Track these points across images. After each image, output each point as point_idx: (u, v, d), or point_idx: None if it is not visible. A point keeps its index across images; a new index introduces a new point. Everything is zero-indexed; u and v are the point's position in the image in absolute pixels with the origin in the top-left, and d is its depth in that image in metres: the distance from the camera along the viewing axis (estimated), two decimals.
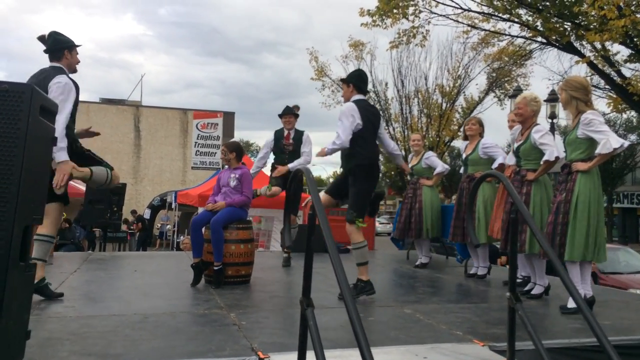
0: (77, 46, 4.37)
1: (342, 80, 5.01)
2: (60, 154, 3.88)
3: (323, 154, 4.88)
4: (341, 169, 5.02)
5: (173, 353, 2.93)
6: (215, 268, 5.07)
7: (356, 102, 4.69)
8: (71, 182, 4.51)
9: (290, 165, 6.36)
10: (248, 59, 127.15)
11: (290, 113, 6.71)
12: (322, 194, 5.10)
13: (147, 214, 22.85)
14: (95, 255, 8.23)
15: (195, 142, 28.38)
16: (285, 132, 6.71)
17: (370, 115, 4.75)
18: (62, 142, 3.88)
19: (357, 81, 4.83)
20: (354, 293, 4.46)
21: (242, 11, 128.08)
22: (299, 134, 6.68)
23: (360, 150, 4.61)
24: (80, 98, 4.35)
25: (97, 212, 9.17)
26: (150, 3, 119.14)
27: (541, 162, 4.71)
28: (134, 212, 21.47)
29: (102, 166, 4.37)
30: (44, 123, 1.89)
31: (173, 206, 18.32)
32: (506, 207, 4.92)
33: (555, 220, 4.25)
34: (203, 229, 5.28)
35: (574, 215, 4.15)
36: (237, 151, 5.65)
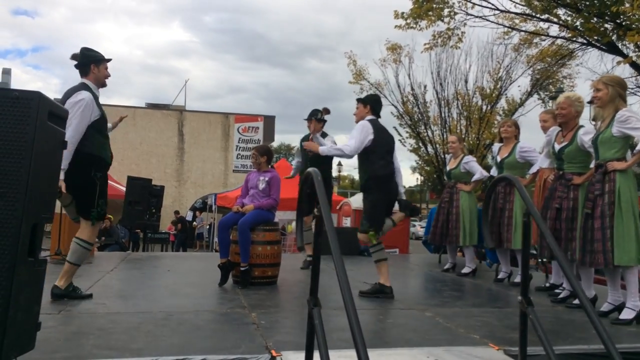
0: (107, 60, 4.44)
1: (360, 100, 5.12)
2: None
3: (315, 148, 5.08)
4: None
5: (189, 349, 3.04)
6: (242, 269, 5.19)
7: (370, 120, 4.87)
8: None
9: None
10: (291, 63, 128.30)
11: (312, 117, 6.69)
12: None
13: (189, 216, 23.40)
14: (134, 255, 8.51)
15: (237, 146, 28.90)
16: (310, 137, 6.75)
17: (384, 135, 4.93)
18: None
19: (374, 104, 5.04)
20: (370, 291, 4.79)
21: (286, 17, 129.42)
22: (324, 137, 6.62)
23: (372, 165, 4.76)
24: (128, 103, 4.54)
25: (135, 213, 9.48)
26: (196, 11, 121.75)
27: (590, 166, 4.50)
28: (176, 212, 22.09)
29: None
30: (53, 127, 2.03)
31: (213, 208, 18.74)
32: (543, 213, 4.79)
33: (602, 225, 4.00)
34: (230, 230, 5.41)
35: (620, 218, 3.95)
36: (268, 155, 5.77)
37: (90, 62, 4.35)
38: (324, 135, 6.65)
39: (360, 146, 4.72)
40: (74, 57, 4.39)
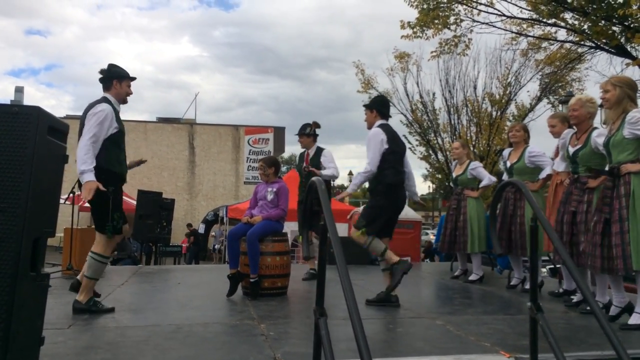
0: (131, 78, 4.51)
1: (365, 106, 5.15)
2: (84, 176, 4.00)
3: (347, 194, 5.45)
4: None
5: None
6: (252, 280, 5.18)
7: (381, 126, 4.90)
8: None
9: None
10: (300, 75, 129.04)
11: (300, 133, 6.66)
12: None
13: (201, 229, 23.46)
14: (145, 268, 8.52)
15: (247, 158, 28.92)
16: (305, 153, 6.72)
17: (396, 141, 4.96)
18: (84, 165, 3.99)
19: (379, 107, 5.06)
20: (376, 299, 4.77)
21: (294, 30, 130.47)
22: (319, 152, 6.61)
23: (385, 171, 4.78)
24: (139, 118, 4.56)
25: (146, 227, 9.53)
26: (205, 26, 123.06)
27: (606, 169, 4.38)
28: (189, 225, 22.20)
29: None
30: (53, 142, 2.06)
31: (225, 220, 18.76)
32: (557, 217, 4.72)
33: (621, 229, 3.91)
34: (240, 241, 5.41)
35: (635, 221, 3.85)
36: (276, 166, 5.80)
37: (113, 78, 4.43)
38: (319, 150, 6.61)
39: (379, 157, 4.76)
40: (101, 72, 4.48)
